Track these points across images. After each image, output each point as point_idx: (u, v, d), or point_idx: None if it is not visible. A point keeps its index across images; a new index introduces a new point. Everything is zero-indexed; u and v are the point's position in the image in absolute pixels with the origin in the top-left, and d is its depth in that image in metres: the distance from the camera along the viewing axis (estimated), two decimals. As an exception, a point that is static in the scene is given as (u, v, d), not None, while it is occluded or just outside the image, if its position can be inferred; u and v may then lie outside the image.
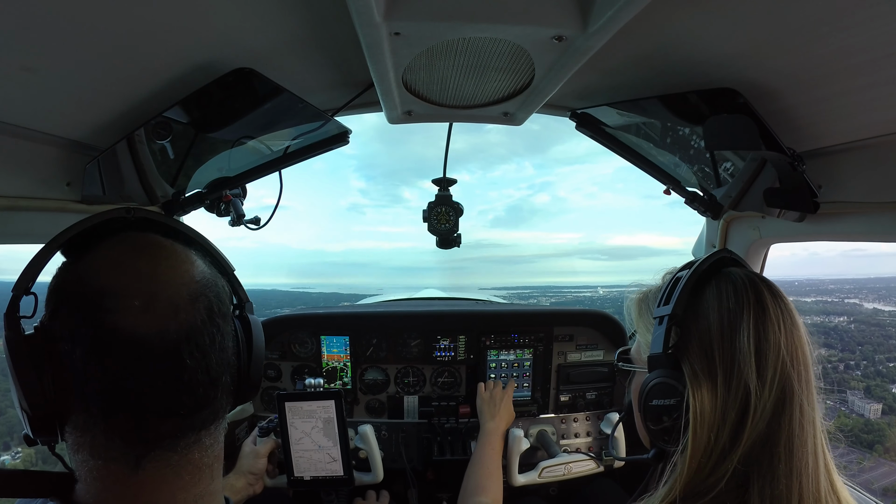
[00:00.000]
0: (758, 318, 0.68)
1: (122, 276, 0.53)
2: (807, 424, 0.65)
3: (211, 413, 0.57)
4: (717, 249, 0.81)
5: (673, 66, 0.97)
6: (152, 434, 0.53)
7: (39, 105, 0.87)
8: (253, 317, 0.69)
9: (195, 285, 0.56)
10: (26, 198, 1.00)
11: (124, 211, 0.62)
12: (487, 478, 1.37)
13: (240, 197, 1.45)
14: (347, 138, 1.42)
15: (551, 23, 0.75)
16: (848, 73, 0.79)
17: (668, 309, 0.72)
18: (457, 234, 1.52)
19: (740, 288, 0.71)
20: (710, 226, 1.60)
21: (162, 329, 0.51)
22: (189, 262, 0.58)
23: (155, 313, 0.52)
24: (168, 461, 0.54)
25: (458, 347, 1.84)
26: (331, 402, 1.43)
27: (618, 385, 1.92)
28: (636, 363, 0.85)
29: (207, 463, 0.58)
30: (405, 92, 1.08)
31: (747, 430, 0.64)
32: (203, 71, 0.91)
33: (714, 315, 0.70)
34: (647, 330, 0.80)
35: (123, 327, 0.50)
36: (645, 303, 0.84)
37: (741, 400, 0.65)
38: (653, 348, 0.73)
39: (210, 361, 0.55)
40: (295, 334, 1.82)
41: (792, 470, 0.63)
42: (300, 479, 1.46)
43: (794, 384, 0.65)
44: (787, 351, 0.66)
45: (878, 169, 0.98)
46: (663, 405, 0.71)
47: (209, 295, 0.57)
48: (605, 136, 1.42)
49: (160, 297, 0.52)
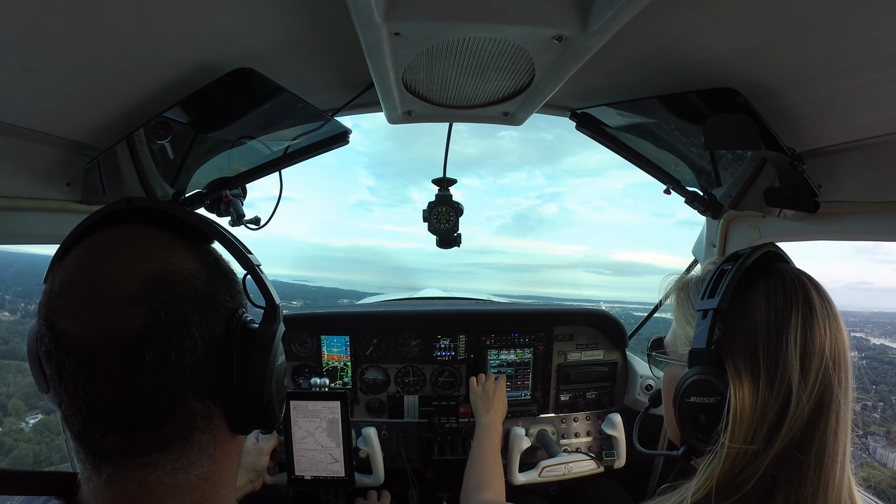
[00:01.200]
0: (805, 319, 0.65)
1: (72, 274, 0.49)
2: (840, 433, 0.63)
3: (160, 439, 0.50)
4: (762, 243, 0.78)
5: (673, 66, 0.97)
6: (98, 446, 0.49)
7: (39, 105, 0.87)
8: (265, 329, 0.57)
9: (138, 286, 0.48)
10: (26, 198, 1.00)
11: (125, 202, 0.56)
12: (488, 472, 1.35)
13: (240, 197, 1.45)
14: (347, 138, 1.42)
15: (551, 23, 0.75)
16: (848, 73, 0.79)
17: (714, 303, 0.69)
18: (457, 234, 1.52)
19: (789, 286, 0.68)
20: (710, 225, 1.60)
21: (86, 334, 0.46)
22: (144, 258, 0.50)
23: (83, 316, 0.47)
24: (129, 477, 0.49)
25: (458, 347, 1.84)
26: (336, 404, 1.44)
27: (618, 384, 1.93)
28: (671, 355, 0.82)
29: (189, 485, 0.52)
30: (405, 92, 1.08)
31: (783, 433, 0.62)
32: (203, 71, 0.91)
33: (761, 313, 0.67)
34: (687, 322, 0.77)
35: (61, 327, 0.47)
36: (685, 292, 0.81)
37: (781, 401, 0.63)
38: (695, 343, 0.70)
39: (145, 380, 0.47)
40: (295, 334, 1.82)
41: (820, 479, 0.61)
42: (300, 478, 1.46)
43: (833, 389, 0.63)
44: (830, 355, 0.64)
45: (878, 169, 0.98)
46: (702, 403, 0.69)
47: (155, 302, 0.48)
48: (605, 136, 1.42)
49: (92, 298, 0.47)
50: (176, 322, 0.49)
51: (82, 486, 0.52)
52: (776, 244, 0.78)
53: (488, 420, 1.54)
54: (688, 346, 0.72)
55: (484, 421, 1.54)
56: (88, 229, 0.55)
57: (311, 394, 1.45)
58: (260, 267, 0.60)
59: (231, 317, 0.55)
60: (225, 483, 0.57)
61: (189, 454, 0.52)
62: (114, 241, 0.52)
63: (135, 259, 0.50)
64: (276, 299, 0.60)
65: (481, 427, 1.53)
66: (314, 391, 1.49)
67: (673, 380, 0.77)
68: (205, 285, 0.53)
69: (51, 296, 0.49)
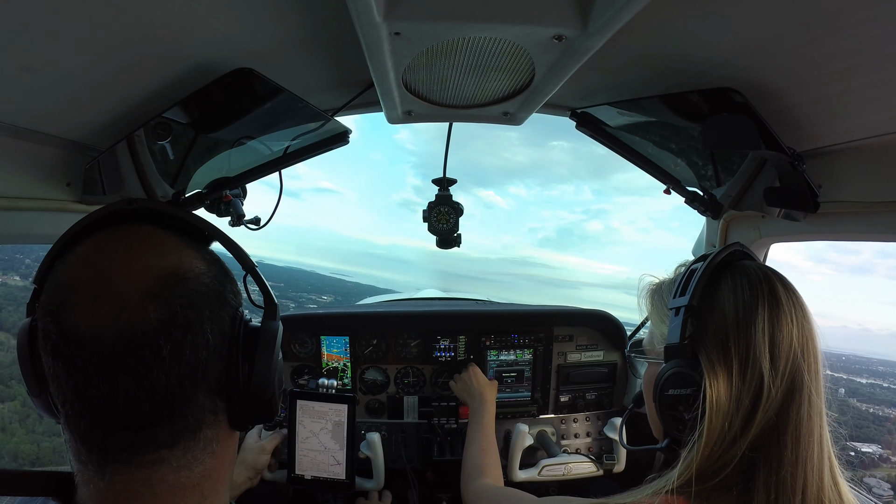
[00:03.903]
0: (772, 309, 0.69)
1: (80, 270, 0.49)
2: (814, 415, 0.66)
3: (169, 435, 0.50)
4: (729, 244, 0.82)
5: (673, 66, 0.97)
6: (106, 444, 0.49)
7: (39, 105, 0.87)
8: (267, 324, 0.59)
9: (153, 283, 0.49)
10: (26, 198, 1.00)
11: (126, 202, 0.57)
12: (483, 455, 1.36)
13: (240, 197, 1.45)
14: (347, 138, 1.42)
15: (551, 23, 0.75)
16: (848, 72, 0.79)
17: (685, 300, 0.73)
18: (457, 234, 1.52)
19: (755, 280, 0.72)
20: (710, 225, 1.60)
21: (101, 331, 0.46)
22: (158, 256, 0.51)
23: (97, 312, 0.47)
24: (133, 476, 0.49)
25: (458, 347, 1.84)
26: (344, 407, 1.45)
27: (618, 385, 1.92)
28: (649, 354, 0.86)
29: (191, 483, 0.53)
30: (405, 92, 1.08)
31: (758, 418, 0.65)
32: (203, 71, 0.91)
33: (730, 306, 0.71)
34: (662, 321, 0.81)
35: (71, 324, 0.47)
36: (658, 294, 0.85)
37: (754, 389, 0.66)
38: (669, 338, 0.74)
39: (154, 377, 0.48)
40: (295, 334, 1.82)
41: (798, 458, 0.64)
42: (300, 478, 1.46)
43: (803, 375, 0.67)
44: (798, 343, 0.68)
45: (878, 168, 0.98)
46: (680, 395, 0.72)
47: (168, 296, 0.49)
48: (606, 135, 1.42)
49: (107, 294, 0.47)
50: (191, 317, 0.50)
51: (80, 488, 0.51)
52: (742, 244, 0.82)
53: (476, 404, 1.55)
54: (664, 344, 0.76)
55: (473, 406, 1.56)
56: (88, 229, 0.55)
57: (319, 395, 1.46)
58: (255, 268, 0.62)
59: (234, 314, 0.57)
60: (223, 481, 0.58)
61: (195, 450, 0.53)
62: (125, 237, 0.53)
63: (149, 255, 0.51)
64: (274, 298, 0.62)
65: (472, 412, 1.55)
66: (321, 392, 1.49)
67: (652, 377, 0.80)
68: (213, 283, 0.54)
69: (56, 292, 0.49)
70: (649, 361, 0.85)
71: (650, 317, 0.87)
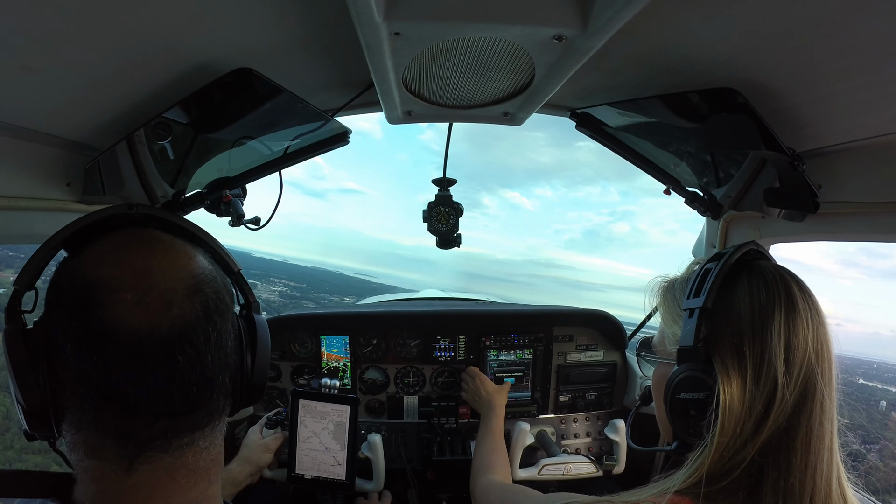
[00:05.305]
0: (788, 313, 0.67)
1: (114, 270, 0.51)
2: (825, 421, 0.65)
3: (205, 415, 0.55)
4: (745, 242, 0.80)
5: (673, 66, 0.97)
6: (143, 434, 0.51)
7: (39, 105, 0.87)
8: (260, 318, 0.68)
9: (192, 280, 0.54)
10: (26, 198, 1.00)
11: (126, 207, 0.61)
12: (492, 453, 1.39)
13: (240, 197, 1.45)
14: (347, 138, 1.42)
15: (551, 23, 0.75)
16: (848, 73, 0.79)
17: (699, 301, 0.71)
18: (456, 235, 1.52)
19: (771, 282, 0.70)
20: (710, 226, 1.60)
21: (153, 324, 0.50)
22: (187, 258, 0.57)
23: (147, 308, 0.50)
24: (161, 463, 0.52)
25: (458, 347, 1.84)
26: (346, 408, 1.45)
27: (617, 385, 1.92)
28: (659, 354, 0.84)
29: (204, 466, 0.56)
30: (405, 92, 1.08)
31: (769, 423, 0.64)
32: (203, 71, 0.91)
33: (745, 309, 0.70)
34: (674, 321, 0.79)
35: (113, 321, 0.49)
36: (671, 292, 0.82)
37: (768, 394, 0.65)
38: (683, 341, 0.72)
39: (205, 360, 0.53)
40: (295, 334, 1.82)
41: (807, 464, 0.63)
42: (300, 477, 1.46)
43: (817, 380, 0.65)
44: (813, 347, 0.66)
45: (878, 169, 0.98)
46: (692, 398, 0.70)
47: (207, 291, 0.55)
48: (606, 135, 1.42)
49: (153, 291, 0.51)
50: (222, 308, 0.57)
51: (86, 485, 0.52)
52: (757, 243, 0.80)
53: (486, 410, 1.58)
54: (676, 345, 0.74)
55: (483, 412, 1.59)
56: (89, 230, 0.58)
57: (322, 395, 1.46)
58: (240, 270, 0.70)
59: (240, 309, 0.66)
60: (221, 465, 0.61)
61: (216, 431, 0.58)
62: (145, 240, 0.57)
63: (181, 257, 0.56)
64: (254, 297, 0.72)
65: (482, 417, 1.58)
66: (324, 392, 1.49)
67: (662, 378, 0.78)
68: (223, 280, 0.61)
69: (89, 291, 0.50)
70: (660, 361, 0.83)
71: (661, 315, 0.84)
